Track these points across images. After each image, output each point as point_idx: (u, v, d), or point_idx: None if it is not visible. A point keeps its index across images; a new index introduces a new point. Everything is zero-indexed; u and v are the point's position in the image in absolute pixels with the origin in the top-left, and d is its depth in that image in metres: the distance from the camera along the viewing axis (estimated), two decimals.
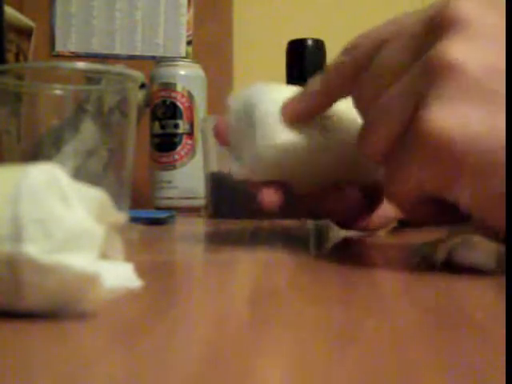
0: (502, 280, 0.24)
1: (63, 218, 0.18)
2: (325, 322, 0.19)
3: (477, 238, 0.26)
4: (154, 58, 1.13)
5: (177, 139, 0.78)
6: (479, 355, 0.15)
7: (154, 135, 0.79)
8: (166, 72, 0.79)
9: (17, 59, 0.96)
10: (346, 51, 0.31)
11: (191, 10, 1.18)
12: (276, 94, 0.35)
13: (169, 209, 0.72)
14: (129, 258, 0.23)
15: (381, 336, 0.17)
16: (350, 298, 0.23)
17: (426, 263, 0.27)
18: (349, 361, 0.15)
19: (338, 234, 0.46)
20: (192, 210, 0.77)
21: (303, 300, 0.22)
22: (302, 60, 0.75)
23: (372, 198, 0.38)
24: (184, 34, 1.17)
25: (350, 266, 0.30)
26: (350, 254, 0.37)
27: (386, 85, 0.28)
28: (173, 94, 0.78)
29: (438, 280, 0.25)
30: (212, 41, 1.17)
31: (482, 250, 0.26)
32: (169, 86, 0.78)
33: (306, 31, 0.86)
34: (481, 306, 0.22)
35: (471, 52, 0.25)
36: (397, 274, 0.26)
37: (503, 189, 0.24)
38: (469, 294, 0.23)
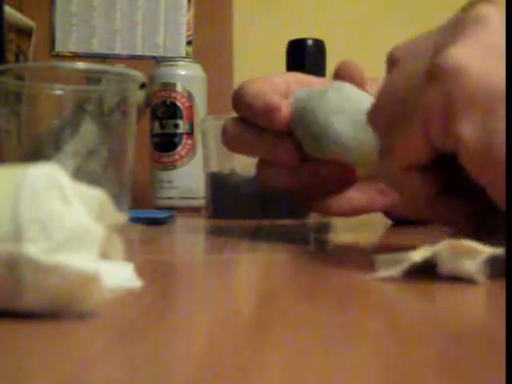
0: (502, 283, 0.24)
1: (63, 218, 0.18)
2: (325, 322, 0.19)
3: (465, 244, 0.24)
4: (154, 58, 1.13)
5: (177, 139, 0.78)
6: (481, 356, 0.15)
7: (154, 135, 0.79)
8: (166, 72, 0.79)
9: (17, 59, 0.96)
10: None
11: (191, 10, 1.18)
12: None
13: (169, 209, 0.72)
14: (129, 257, 0.23)
15: (381, 337, 0.17)
16: (350, 299, 0.23)
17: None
18: (349, 362, 0.15)
19: (338, 234, 0.46)
20: (192, 210, 0.77)
21: (303, 300, 0.22)
22: (302, 60, 0.75)
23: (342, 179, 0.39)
24: (184, 34, 1.17)
25: (350, 266, 0.30)
26: (350, 255, 0.37)
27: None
28: (173, 94, 0.78)
29: (439, 282, 0.25)
30: (212, 41, 1.17)
31: (471, 258, 0.24)
32: (169, 86, 0.78)
33: (306, 31, 0.86)
34: (482, 308, 0.22)
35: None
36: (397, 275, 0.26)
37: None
38: (470, 296, 0.23)
